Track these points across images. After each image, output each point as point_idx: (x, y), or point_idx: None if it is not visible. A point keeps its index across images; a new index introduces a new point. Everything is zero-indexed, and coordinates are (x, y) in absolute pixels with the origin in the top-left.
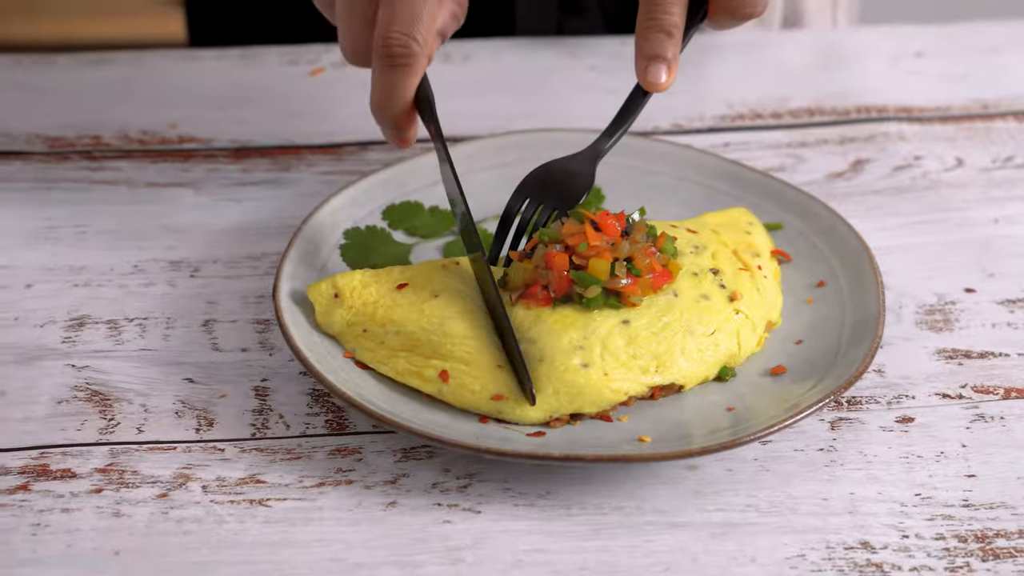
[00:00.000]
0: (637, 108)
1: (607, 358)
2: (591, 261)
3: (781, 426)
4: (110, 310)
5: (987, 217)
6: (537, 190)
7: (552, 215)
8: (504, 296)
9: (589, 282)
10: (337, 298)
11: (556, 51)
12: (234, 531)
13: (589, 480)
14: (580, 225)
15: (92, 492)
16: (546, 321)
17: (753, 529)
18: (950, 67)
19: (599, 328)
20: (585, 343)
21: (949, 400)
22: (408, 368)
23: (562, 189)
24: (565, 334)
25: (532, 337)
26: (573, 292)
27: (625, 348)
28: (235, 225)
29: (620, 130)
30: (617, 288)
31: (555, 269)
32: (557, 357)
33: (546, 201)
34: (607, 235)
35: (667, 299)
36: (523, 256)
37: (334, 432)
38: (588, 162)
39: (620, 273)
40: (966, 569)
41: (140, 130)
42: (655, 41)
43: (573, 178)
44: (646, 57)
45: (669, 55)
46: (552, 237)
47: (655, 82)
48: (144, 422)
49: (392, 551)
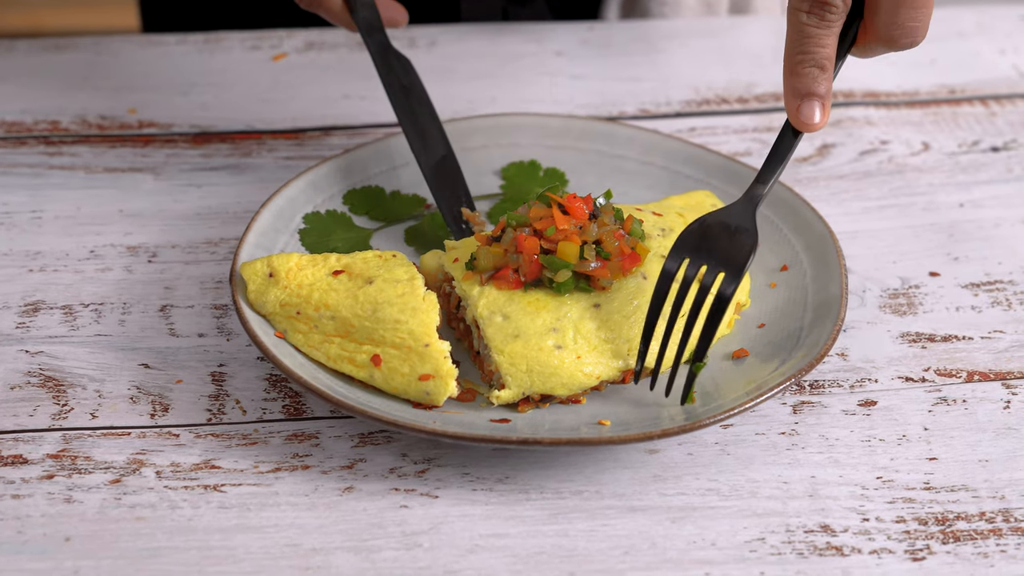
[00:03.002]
0: (789, 150)
1: (579, 341)
2: (560, 245)
3: (741, 409)
4: (65, 295)
5: (953, 201)
6: (697, 249)
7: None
8: (473, 278)
9: (559, 266)
10: (272, 278)
11: (522, 37)
12: (188, 516)
13: (548, 465)
14: (547, 208)
15: (43, 478)
16: (519, 302)
17: (713, 513)
18: (918, 52)
19: (570, 312)
20: (558, 325)
21: (912, 383)
22: (340, 353)
23: (727, 248)
24: (538, 316)
25: (506, 313)
26: (543, 276)
27: (597, 332)
28: (194, 210)
29: (774, 175)
30: (587, 271)
31: (525, 253)
32: (532, 337)
33: (709, 262)
34: (575, 218)
35: (636, 282)
36: (491, 240)
37: (291, 417)
38: (747, 215)
39: (589, 256)
40: (926, 551)
41: (99, 115)
42: (808, 77)
43: (735, 235)
44: (799, 95)
45: (822, 91)
46: (520, 221)
47: (808, 122)
48: (98, 408)
49: (348, 536)
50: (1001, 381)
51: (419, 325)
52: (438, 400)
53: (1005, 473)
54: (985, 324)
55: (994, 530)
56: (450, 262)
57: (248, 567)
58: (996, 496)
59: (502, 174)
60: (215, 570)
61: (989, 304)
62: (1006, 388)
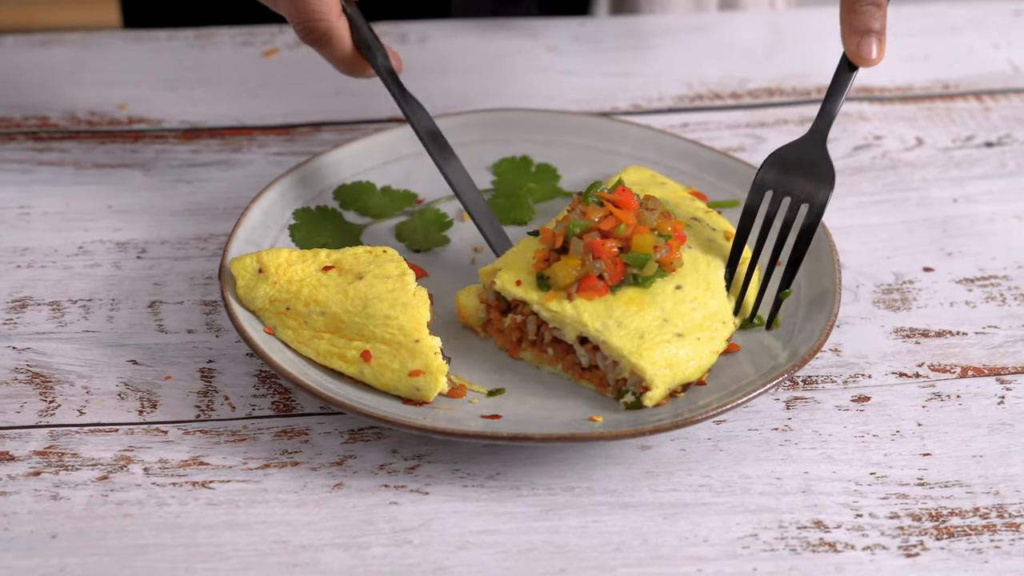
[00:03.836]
0: (846, 84)
1: (687, 323)
2: (635, 239)
3: (734, 404)
4: (53, 291)
5: (947, 196)
6: (779, 183)
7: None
8: (556, 296)
9: (643, 260)
10: (261, 273)
11: (514, 33)
12: (175, 513)
13: (540, 461)
14: (601, 208)
15: (30, 475)
16: (618, 307)
17: (705, 509)
18: (912, 48)
19: (666, 300)
20: (667, 316)
21: (906, 379)
22: (330, 349)
23: (808, 179)
24: (645, 312)
25: (617, 319)
26: (627, 273)
27: (692, 312)
28: (184, 206)
29: (834, 109)
30: (663, 259)
31: (605, 257)
32: (655, 334)
33: (793, 193)
34: (631, 210)
35: (692, 254)
36: (552, 253)
37: (280, 414)
38: (818, 147)
39: (660, 244)
40: (920, 547)
41: (89, 111)
42: (866, 15)
43: (814, 167)
44: (858, 32)
45: (878, 27)
46: (583, 227)
47: (868, 57)
48: (86, 404)
49: (337, 533)
50: (995, 376)
51: (409, 321)
52: (428, 396)
53: (999, 469)
54: (979, 319)
55: (988, 526)
56: (512, 285)
57: (236, 564)
58: (990, 492)
59: (494, 169)
60: (202, 567)
61: (983, 299)
62: (1000, 383)
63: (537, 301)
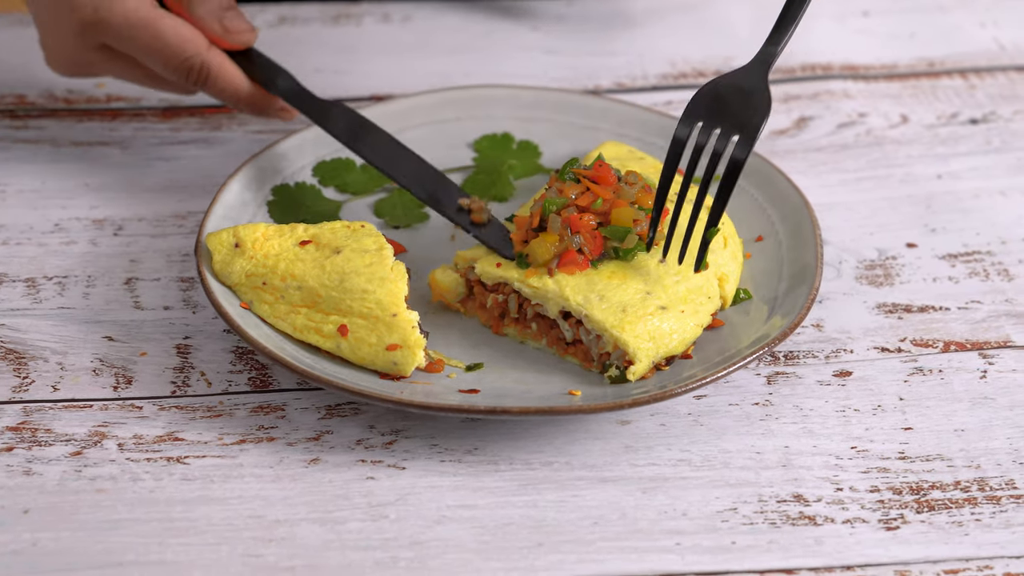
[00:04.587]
0: (800, 10)
1: (671, 295)
2: (614, 213)
3: (714, 378)
4: (28, 268)
5: (930, 173)
6: (709, 113)
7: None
8: (537, 272)
9: (623, 233)
10: (238, 248)
11: (497, 12)
12: (149, 488)
13: (518, 436)
14: (577, 184)
15: (2, 451)
16: (600, 280)
17: (685, 483)
18: (897, 26)
19: (649, 272)
20: (650, 288)
21: (887, 354)
22: (307, 324)
23: (739, 109)
24: (627, 285)
25: (599, 293)
26: (607, 247)
27: (676, 285)
28: (162, 184)
29: (785, 37)
30: (644, 231)
31: (584, 231)
32: (637, 307)
33: (723, 125)
34: (609, 185)
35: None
36: (531, 231)
37: (257, 389)
38: (759, 74)
39: (639, 216)
40: (900, 520)
41: (66, 89)
42: None
43: (748, 96)
44: None
45: None
46: (560, 204)
47: None
48: (60, 380)
49: (313, 508)
50: (978, 351)
51: (387, 295)
52: (406, 370)
53: (980, 443)
54: (962, 295)
55: (969, 499)
56: (493, 268)
57: (211, 538)
58: (971, 466)
59: (475, 146)
60: (176, 542)
61: (966, 275)
62: (983, 358)
63: (518, 278)
